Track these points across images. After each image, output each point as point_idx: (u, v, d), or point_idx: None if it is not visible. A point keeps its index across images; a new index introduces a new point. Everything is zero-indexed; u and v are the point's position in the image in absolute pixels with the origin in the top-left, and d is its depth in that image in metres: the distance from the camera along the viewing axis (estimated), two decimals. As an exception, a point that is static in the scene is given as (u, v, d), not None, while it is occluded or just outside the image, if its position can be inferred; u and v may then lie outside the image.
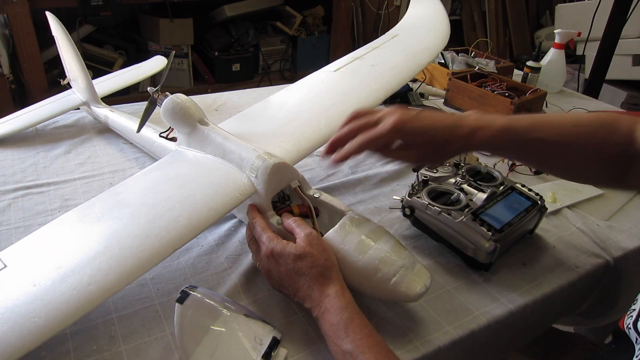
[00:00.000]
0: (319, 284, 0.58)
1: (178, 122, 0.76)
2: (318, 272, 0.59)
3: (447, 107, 1.33)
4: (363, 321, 0.55)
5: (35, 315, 0.51)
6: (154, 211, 0.63)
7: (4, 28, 2.21)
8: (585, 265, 0.77)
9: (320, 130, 0.79)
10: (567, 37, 1.43)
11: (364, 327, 0.54)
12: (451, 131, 0.62)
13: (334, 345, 0.54)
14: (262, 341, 0.56)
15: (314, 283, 0.58)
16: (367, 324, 0.55)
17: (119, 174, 0.95)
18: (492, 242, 0.69)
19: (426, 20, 1.21)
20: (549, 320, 0.80)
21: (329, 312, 0.56)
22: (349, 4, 3.05)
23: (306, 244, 0.60)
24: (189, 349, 0.55)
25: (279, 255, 0.61)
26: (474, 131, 0.62)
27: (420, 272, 0.61)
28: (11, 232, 0.77)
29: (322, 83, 0.95)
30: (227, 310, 0.58)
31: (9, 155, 0.99)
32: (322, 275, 0.59)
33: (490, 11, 3.67)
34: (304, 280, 0.59)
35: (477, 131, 0.62)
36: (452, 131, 0.62)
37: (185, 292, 0.57)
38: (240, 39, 2.83)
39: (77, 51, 1.07)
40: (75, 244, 0.60)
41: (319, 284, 0.58)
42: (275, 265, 0.62)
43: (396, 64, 1.00)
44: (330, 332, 0.55)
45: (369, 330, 0.54)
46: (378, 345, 0.52)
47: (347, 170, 0.99)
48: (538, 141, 0.62)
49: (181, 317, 0.56)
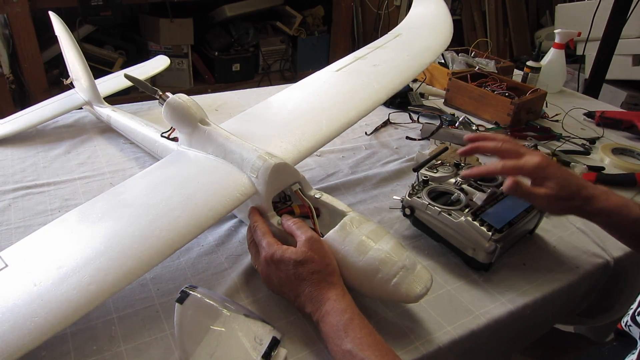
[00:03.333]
0: (320, 288, 0.58)
1: (179, 122, 0.76)
2: (319, 277, 0.59)
3: (447, 107, 1.33)
4: (363, 321, 0.55)
5: (36, 314, 0.51)
6: (155, 211, 0.63)
7: (4, 28, 2.21)
8: (585, 265, 0.77)
9: (321, 131, 0.79)
10: (567, 37, 1.43)
11: (363, 327, 0.54)
12: (581, 188, 0.68)
13: (334, 346, 0.54)
14: (262, 341, 0.56)
15: (315, 288, 0.59)
16: (367, 324, 0.55)
17: (119, 174, 0.94)
18: (492, 242, 0.69)
19: (429, 20, 1.21)
20: (549, 321, 0.80)
21: (329, 315, 0.56)
22: (349, 4, 3.05)
23: (307, 249, 0.60)
24: (189, 349, 0.55)
25: (279, 261, 0.61)
26: (598, 197, 0.68)
27: (421, 273, 0.61)
28: (11, 232, 0.77)
29: (324, 83, 0.95)
30: (227, 310, 0.58)
31: (9, 155, 0.99)
32: (323, 280, 0.59)
33: (490, 11, 3.67)
34: (305, 285, 0.59)
35: (600, 198, 0.68)
36: (582, 189, 0.68)
37: (185, 292, 0.57)
38: (240, 39, 2.83)
39: (80, 51, 1.07)
40: (76, 243, 0.60)
41: (320, 288, 0.58)
42: (275, 271, 0.62)
43: (398, 63, 1.00)
44: (331, 333, 0.55)
45: (368, 330, 0.54)
46: (378, 344, 0.53)
47: (347, 170, 0.99)
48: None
49: (181, 317, 0.56)
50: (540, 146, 1.09)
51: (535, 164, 0.67)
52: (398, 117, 1.24)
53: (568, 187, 0.67)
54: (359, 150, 1.08)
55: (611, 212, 0.68)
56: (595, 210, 0.68)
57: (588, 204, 0.68)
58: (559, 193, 0.67)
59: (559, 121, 1.26)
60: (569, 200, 0.68)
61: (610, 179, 0.98)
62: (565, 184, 0.67)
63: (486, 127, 1.20)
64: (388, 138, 1.15)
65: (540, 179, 0.68)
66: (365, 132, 1.16)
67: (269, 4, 2.88)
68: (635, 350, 0.54)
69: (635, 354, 0.53)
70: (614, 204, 0.67)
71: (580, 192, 0.68)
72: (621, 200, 0.68)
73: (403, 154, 1.07)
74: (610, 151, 1.10)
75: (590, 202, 0.68)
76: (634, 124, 1.21)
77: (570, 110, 1.32)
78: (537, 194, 0.68)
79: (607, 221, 0.70)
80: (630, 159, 1.10)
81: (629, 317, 0.57)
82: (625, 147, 1.13)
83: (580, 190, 0.68)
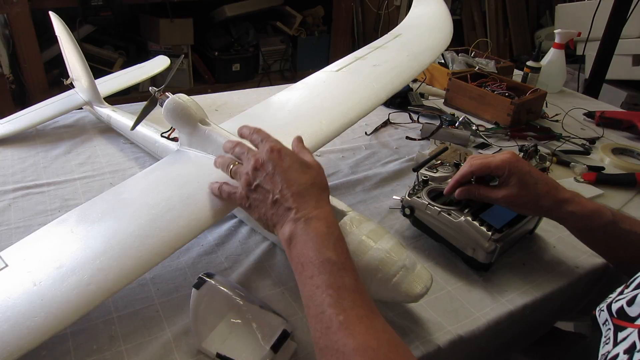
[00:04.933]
0: (319, 193, 0.56)
1: (179, 122, 0.76)
2: (321, 186, 0.57)
3: (447, 107, 1.33)
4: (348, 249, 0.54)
5: (36, 314, 0.51)
6: (155, 211, 0.63)
7: (4, 28, 2.21)
8: (585, 265, 0.77)
9: (321, 131, 0.79)
10: (567, 37, 1.43)
11: (349, 252, 0.53)
12: (551, 190, 0.68)
13: (315, 252, 0.50)
14: (272, 333, 0.57)
15: (313, 188, 0.56)
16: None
17: (119, 174, 0.95)
18: (492, 242, 0.69)
19: (429, 20, 1.21)
20: (549, 321, 0.80)
21: (319, 220, 0.53)
22: (349, 4, 3.05)
23: (316, 163, 0.59)
24: (203, 333, 0.57)
25: (285, 153, 0.58)
26: (570, 200, 0.68)
27: (421, 273, 0.60)
28: (11, 232, 0.77)
29: (324, 83, 0.95)
30: (241, 300, 0.60)
31: (9, 155, 0.99)
32: (324, 191, 0.57)
33: (490, 11, 3.67)
34: (304, 180, 0.55)
35: (572, 202, 0.67)
36: (552, 190, 0.68)
37: (202, 279, 0.59)
38: (240, 39, 2.83)
39: (80, 51, 1.07)
40: (76, 243, 0.60)
41: (318, 192, 0.56)
42: (277, 159, 0.57)
43: (398, 64, 1.00)
44: (315, 238, 0.51)
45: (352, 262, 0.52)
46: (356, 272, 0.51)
47: (347, 170, 0.99)
48: (633, 234, 0.66)
49: (197, 302, 0.57)
50: (540, 146, 1.09)
51: (500, 159, 0.68)
52: (398, 117, 1.24)
53: (533, 186, 0.67)
54: (359, 150, 1.08)
55: (582, 217, 0.67)
56: (567, 214, 0.68)
57: (559, 207, 0.68)
58: (520, 191, 0.67)
59: (559, 121, 1.26)
60: (535, 201, 0.68)
61: (610, 179, 0.98)
62: (529, 182, 0.67)
63: (486, 127, 1.20)
64: (388, 138, 1.15)
65: (506, 176, 0.68)
66: (365, 132, 1.16)
67: (269, 4, 2.88)
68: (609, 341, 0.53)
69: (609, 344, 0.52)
70: (585, 209, 0.67)
71: (549, 193, 0.67)
72: (593, 206, 0.68)
73: (403, 154, 1.07)
74: (610, 151, 1.10)
75: (562, 206, 0.67)
76: (634, 124, 1.21)
77: (570, 110, 1.32)
78: (495, 193, 0.69)
79: (577, 226, 0.70)
80: (630, 159, 1.10)
81: (606, 305, 0.57)
82: (625, 147, 1.13)
83: (550, 192, 0.67)
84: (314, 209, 0.54)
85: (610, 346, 0.50)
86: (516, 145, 1.11)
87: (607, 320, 0.54)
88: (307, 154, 0.61)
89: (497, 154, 0.71)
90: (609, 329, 0.52)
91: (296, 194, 0.55)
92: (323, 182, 0.58)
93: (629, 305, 0.51)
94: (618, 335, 0.50)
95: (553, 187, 0.68)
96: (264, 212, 0.57)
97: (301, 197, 0.54)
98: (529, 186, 0.67)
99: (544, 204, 0.68)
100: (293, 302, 0.66)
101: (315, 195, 0.55)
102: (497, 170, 0.69)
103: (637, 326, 0.48)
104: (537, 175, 0.69)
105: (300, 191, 0.55)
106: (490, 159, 0.70)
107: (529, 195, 0.68)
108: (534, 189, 0.67)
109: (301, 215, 0.53)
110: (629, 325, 0.50)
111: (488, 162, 0.69)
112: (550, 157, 1.03)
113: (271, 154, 0.57)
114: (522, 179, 0.67)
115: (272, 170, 0.56)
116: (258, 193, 0.57)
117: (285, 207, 0.54)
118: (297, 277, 0.52)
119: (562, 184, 0.70)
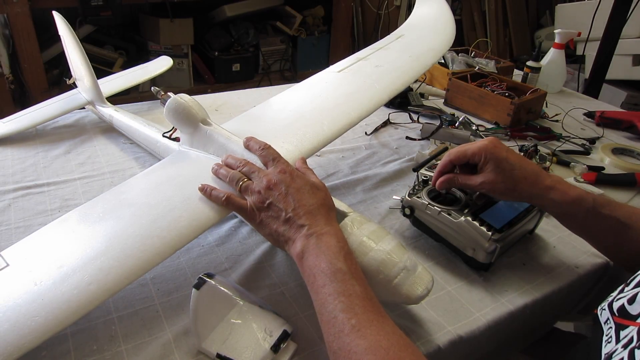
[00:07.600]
0: (328, 213, 0.60)
1: (181, 122, 0.76)
2: (329, 206, 0.61)
3: (447, 107, 1.33)
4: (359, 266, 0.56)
5: (36, 314, 0.51)
6: (156, 211, 0.63)
7: (4, 28, 2.21)
8: (585, 265, 0.77)
9: (323, 132, 0.79)
10: (567, 37, 1.44)
11: (359, 268, 0.56)
12: (533, 175, 0.67)
13: (327, 263, 0.53)
14: (273, 333, 0.57)
15: (323, 208, 0.59)
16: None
17: (119, 174, 0.95)
18: (492, 242, 0.69)
19: (432, 21, 1.21)
20: (549, 321, 0.80)
21: (330, 236, 0.56)
22: (349, 4, 3.05)
23: (322, 184, 0.63)
24: (203, 334, 0.57)
25: (296, 175, 0.62)
26: (551, 187, 0.67)
27: (422, 275, 0.60)
28: (11, 232, 0.77)
29: (326, 84, 0.95)
30: (241, 300, 0.60)
31: (9, 155, 0.99)
32: (332, 210, 0.61)
33: (490, 11, 3.67)
34: (314, 201, 0.60)
35: (553, 189, 0.67)
36: (534, 176, 0.67)
37: (202, 279, 0.59)
38: (240, 39, 2.83)
39: (83, 51, 1.07)
40: (77, 243, 0.60)
41: (327, 212, 0.60)
42: (289, 180, 0.61)
43: (401, 64, 1.00)
44: (327, 251, 0.54)
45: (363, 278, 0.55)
46: (367, 284, 0.54)
47: (347, 170, 0.99)
48: (612, 219, 0.65)
49: (197, 302, 0.57)
50: (540, 146, 1.09)
51: (477, 147, 0.68)
52: (398, 117, 1.24)
53: (510, 172, 0.67)
54: (359, 151, 1.08)
55: (563, 203, 0.67)
56: (548, 201, 0.68)
57: (539, 194, 0.67)
58: (497, 177, 0.67)
59: (559, 121, 1.26)
60: (513, 187, 0.67)
61: (610, 179, 0.98)
62: (506, 168, 0.67)
63: (486, 127, 1.20)
64: (388, 138, 1.15)
65: (483, 163, 0.68)
66: (365, 132, 1.16)
67: (269, 4, 2.88)
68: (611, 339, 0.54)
69: (612, 342, 0.52)
70: (567, 195, 0.67)
71: (537, 178, 0.67)
72: (575, 192, 0.67)
73: (403, 154, 1.07)
74: (610, 151, 1.10)
75: (543, 192, 0.67)
76: (634, 124, 1.21)
77: (570, 110, 1.32)
78: (473, 180, 0.69)
79: (559, 212, 0.69)
80: (630, 159, 1.11)
81: (607, 304, 0.57)
82: (625, 147, 1.13)
83: (537, 177, 0.67)
84: (325, 226, 0.58)
85: (613, 345, 0.50)
86: (516, 145, 1.11)
87: (609, 319, 0.54)
88: (313, 175, 0.66)
89: (476, 141, 0.71)
90: (611, 328, 0.52)
91: (308, 213, 0.58)
92: (330, 203, 0.62)
93: (630, 303, 0.52)
94: (620, 333, 0.50)
95: (533, 172, 0.68)
96: (275, 229, 0.60)
97: (313, 216, 0.58)
98: (506, 172, 0.67)
99: (522, 189, 0.67)
100: (293, 302, 0.66)
101: (324, 214, 0.59)
102: (473, 157, 0.69)
103: (639, 324, 0.48)
104: (515, 161, 0.68)
105: (312, 210, 0.59)
106: (467, 146, 0.70)
107: (506, 181, 0.67)
108: (511, 174, 0.67)
109: (313, 232, 0.57)
110: (630, 323, 0.50)
111: (465, 150, 0.69)
112: (550, 157, 1.03)
113: (283, 175, 0.62)
114: (498, 165, 0.67)
115: (285, 190, 0.60)
116: (271, 211, 0.61)
117: (298, 225, 0.58)
118: (309, 287, 0.55)
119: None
